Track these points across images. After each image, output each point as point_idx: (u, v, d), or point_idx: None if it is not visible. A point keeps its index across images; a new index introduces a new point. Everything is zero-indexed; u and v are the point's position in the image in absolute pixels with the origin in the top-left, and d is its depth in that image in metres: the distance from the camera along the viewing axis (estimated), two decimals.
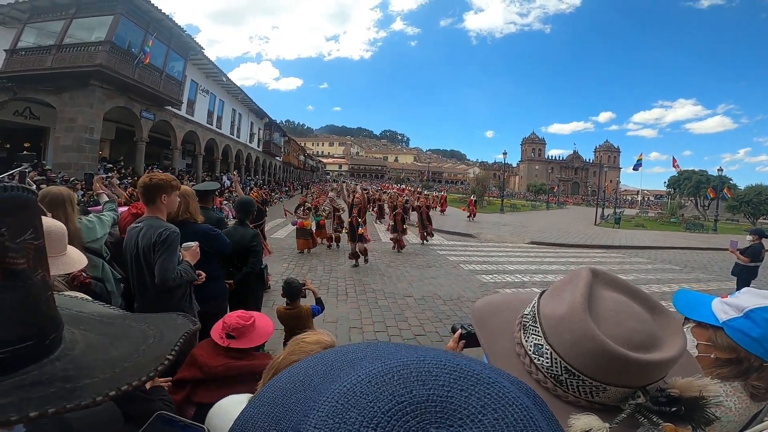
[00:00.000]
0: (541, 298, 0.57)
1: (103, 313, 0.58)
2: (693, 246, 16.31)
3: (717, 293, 5.31)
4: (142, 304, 2.32)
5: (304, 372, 0.34)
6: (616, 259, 11.87)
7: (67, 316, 0.49)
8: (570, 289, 0.52)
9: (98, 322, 0.52)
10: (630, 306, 0.50)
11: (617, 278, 0.55)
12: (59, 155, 13.33)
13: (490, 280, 7.65)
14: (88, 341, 0.44)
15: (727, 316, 0.94)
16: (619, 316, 0.48)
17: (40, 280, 0.38)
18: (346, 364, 0.32)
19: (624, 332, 0.46)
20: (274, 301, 4.96)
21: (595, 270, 0.55)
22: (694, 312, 1.03)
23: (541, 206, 47.89)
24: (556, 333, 0.50)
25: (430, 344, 4.42)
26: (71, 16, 13.47)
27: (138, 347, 0.45)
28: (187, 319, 0.57)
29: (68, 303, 0.56)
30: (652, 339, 0.47)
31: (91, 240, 2.50)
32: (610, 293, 0.52)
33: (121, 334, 0.49)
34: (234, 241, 3.22)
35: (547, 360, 0.50)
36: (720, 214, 30.87)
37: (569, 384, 0.49)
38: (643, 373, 0.46)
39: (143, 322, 0.53)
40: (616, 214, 26.94)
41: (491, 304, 0.67)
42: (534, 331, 0.54)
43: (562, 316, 0.49)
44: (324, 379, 0.31)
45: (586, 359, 0.46)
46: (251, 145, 30.41)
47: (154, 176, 2.26)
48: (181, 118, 19.22)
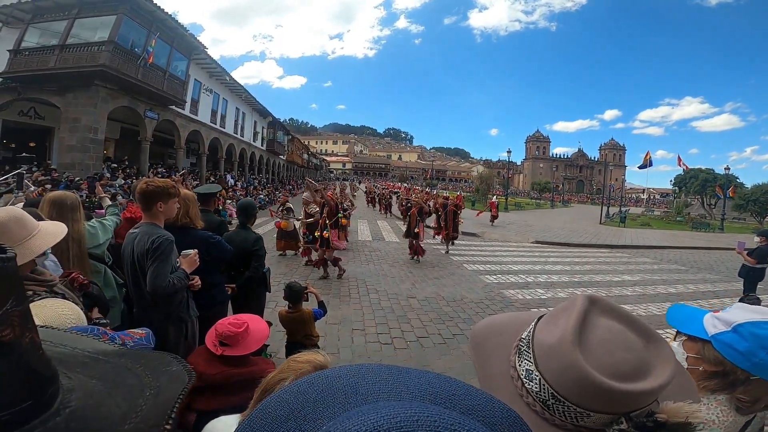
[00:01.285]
0: (537, 324, 0.58)
1: (99, 349, 0.58)
2: (699, 246, 16.18)
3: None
4: (140, 309, 2.30)
5: (294, 399, 0.33)
6: (622, 258, 11.79)
7: (64, 357, 0.49)
8: (565, 316, 0.53)
9: (94, 361, 0.52)
10: (623, 334, 0.51)
11: (615, 306, 0.56)
12: (64, 155, 13.39)
13: (493, 281, 7.62)
14: (86, 389, 0.45)
15: (716, 329, 0.97)
16: (609, 346, 0.49)
17: (29, 343, 0.39)
18: (337, 399, 0.32)
19: (612, 362, 0.48)
20: (276, 302, 4.96)
21: (593, 298, 0.55)
22: (686, 326, 1.06)
23: (546, 205, 47.65)
24: (545, 360, 0.52)
25: (432, 346, 4.43)
26: (74, 16, 13.47)
27: (136, 401, 0.45)
28: (181, 365, 0.56)
29: (63, 339, 0.56)
30: (641, 368, 0.48)
31: (93, 246, 2.49)
32: (605, 321, 0.53)
33: (118, 380, 0.49)
34: (236, 245, 3.21)
35: (536, 385, 0.53)
36: (727, 213, 30.63)
37: (556, 409, 0.51)
38: (629, 402, 0.47)
39: (139, 364, 0.53)
40: (622, 213, 26.73)
41: (490, 326, 0.69)
42: (527, 357, 0.56)
43: (551, 344, 0.51)
44: (314, 412, 0.32)
45: (572, 387, 0.48)
46: (255, 143, 30.45)
47: (152, 182, 2.22)
48: (185, 118, 19.25)
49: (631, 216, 30.20)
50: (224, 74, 22.48)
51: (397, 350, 4.29)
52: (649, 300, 6.97)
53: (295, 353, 1.04)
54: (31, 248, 1.30)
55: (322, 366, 0.90)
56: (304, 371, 0.88)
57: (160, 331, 2.20)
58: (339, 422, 0.28)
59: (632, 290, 7.62)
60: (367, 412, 0.29)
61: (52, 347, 0.51)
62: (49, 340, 0.52)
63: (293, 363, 0.92)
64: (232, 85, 24.37)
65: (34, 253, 1.30)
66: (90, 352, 0.54)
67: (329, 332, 4.58)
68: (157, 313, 2.19)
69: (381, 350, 4.27)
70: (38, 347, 0.41)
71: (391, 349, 4.32)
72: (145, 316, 2.26)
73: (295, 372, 0.88)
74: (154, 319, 2.19)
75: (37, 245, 1.31)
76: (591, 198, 76.72)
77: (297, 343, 3.11)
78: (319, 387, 0.34)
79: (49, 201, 2.31)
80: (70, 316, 1.24)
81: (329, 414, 0.31)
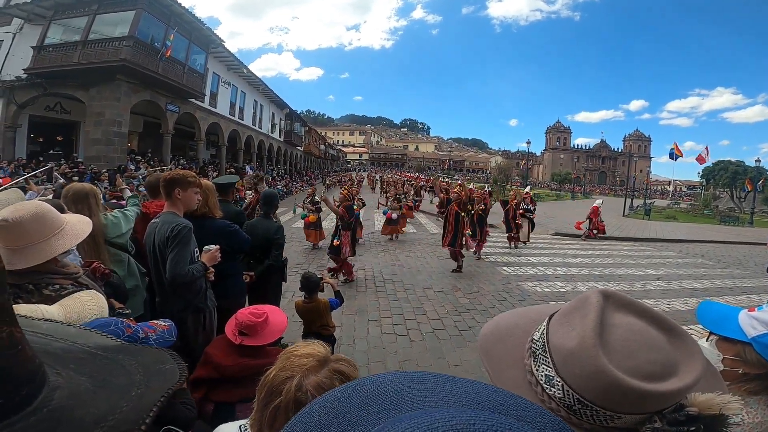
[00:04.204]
0: (550, 323, 0.55)
1: (99, 344, 0.57)
2: (727, 240, 15.55)
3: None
4: (161, 299, 2.36)
5: (338, 404, 0.33)
6: (646, 252, 11.45)
7: (61, 352, 0.48)
8: (579, 316, 0.51)
9: (91, 357, 0.52)
10: (644, 332, 0.49)
11: (630, 300, 0.53)
12: (89, 148, 13.82)
13: (511, 273, 7.52)
14: (73, 387, 0.43)
15: (756, 331, 0.93)
16: (632, 346, 0.47)
17: (5, 338, 0.37)
18: (382, 405, 0.32)
19: (637, 363, 0.46)
20: (293, 293, 5.02)
21: (606, 292, 0.52)
22: (720, 327, 1.02)
23: (566, 196, 46.66)
24: (566, 366, 0.50)
25: (448, 338, 4.40)
26: (94, 12, 13.79)
27: (119, 402, 0.44)
28: (176, 363, 0.55)
29: (65, 334, 0.56)
30: (668, 367, 0.47)
31: (116, 235, 2.55)
32: (623, 318, 0.50)
33: (109, 377, 0.48)
34: (258, 233, 3.26)
35: (558, 391, 0.50)
36: (756, 206, 29.37)
37: (583, 413, 0.48)
38: (660, 402, 0.45)
39: (135, 361, 0.52)
40: (646, 206, 25.95)
41: (498, 329, 0.65)
42: (544, 361, 0.53)
43: (572, 349, 0.49)
44: (359, 416, 0.31)
45: (599, 392, 0.46)
46: (273, 135, 30.76)
47: (173, 172, 2.31)
48: (205, 110, 19.58)
49: (656, 209, 29.30)
50: (242, 67, 22.71)
51: (412, 342, 4.29)
52: (673, 295, 6.75)
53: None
54: (53, 247, 1.30)
55: (324, 358, 0.87)
56: (309, 367, 0.85)
57: (179, 321, 2.25)
58: (389, 425, 0.28)
59: (656, 285, 7.40)
60: (419, 417, 0.28)
61: (51, 341, 0.51)
62: (50, 334, 0.52)
63: (295, 359, 0.87)
64: (249, 78, 24.59)
65: (54, 253, 1.31)
66: (89, 348, 0.54)
67: (345, 323, 4.61)
68: (176, 302, 2.23)
69: (396, 341, 4.28)
70: (15, 344, 0.39)
71: (406, 340, 4.32)
72: (166, 304, 2.32)
73: (298, 368, 0.85)
74: (173, 308, 2.24)
75: (59, 245, 1.32)
76: (614, 190, 74.65)
77: (314, 333, 3.13)
78: (364, 392, 0.33)
79: (66, 193, 2.37)
80: (94, 308, 1.26)
81: (374, 419, 0.31)
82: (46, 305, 1.09)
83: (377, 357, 3.91)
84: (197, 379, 1.67)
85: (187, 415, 1.28)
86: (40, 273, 1.31)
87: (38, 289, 1.30)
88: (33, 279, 1.29)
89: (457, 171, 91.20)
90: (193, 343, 2.26)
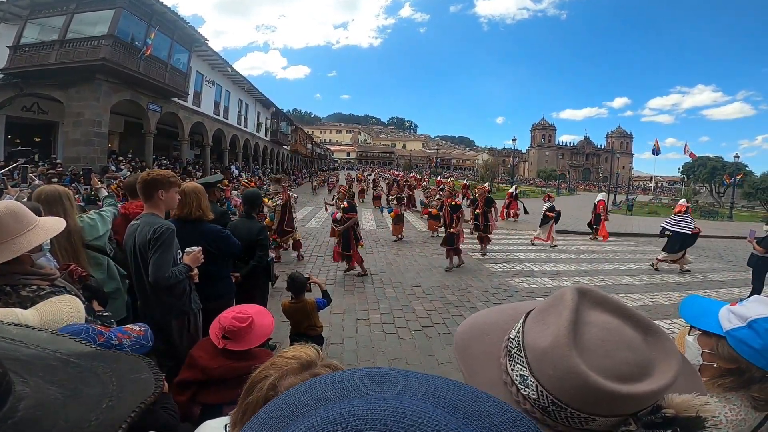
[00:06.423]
0: (526, 323, 0.53)
1: (73, 351, 0.55)
2: (708, 234, 15.96)
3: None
4: (143, 302, 2.31)
5: (301, 396, 0.34)
6: (629, 247, 11.68)
7: (30, 359, 0.46)
8: (554, 314, 0.49)
9: (63, 364, 0.49)
10: (620, 331, 0.48)
11: (606, 297, 0.51)
12: (69, 149, 13.44)
13: (498, 269, 7.59)
14: (40, 397, 0.41)
15: (731, 325, 0.93)
16: (608, 346, 0.46)
17: None
18: (338, 396, 0.32)
19: (613, 364, 0.44)
20: (281, 293, 4.97)
21: (582, 290, 0.51)
22: (699, 320, 1.02)
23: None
24: (540, 366, 0.48)
25: (437, 336, 4.42)
26: (72, 11, 13.38)
27: (88, 414, 0.42)
28: (152, 373, 0.53)
29: (37, 340, 0.53)
30: (643, 367, 0.45)
31: (93, 238, 2.49)
32: (599, 315, 0.49)
33: (80, 387, 0.46)
34: (241, 234, 3.21)
35: (533, 392, 0.49)
36: (736, 201, 30.22)
37: (557, 415, 0.47)
38: (635, 404, 0.44)
39: (109, 369, 0.50)
40: (629, 201, 26.47)
41: (474, 327, 0.63)
42: (519, 361, 0.51)
43: (545, 349, 0.47)
44: (316, 408, 0.31)
45: (573, 394, 0.45)
46: (259, 134, 30.41)
47: (152, 172, 2.24)
48: (188, 110, 19.22)
49: (638, 204, 29.84)
50: (226, 66, 22.40)
51: (401, 340, 4.29)
52: (656, 289, 6.90)
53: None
54: (25, 242, 1.29)
55: (309, 362, 0.87)
56: (289, 368, 0.85)
57: (164, 323, 2.20)
58: (318, 412, 0.29)
59: (639, 279, 7.56)
60: (347, 404, 0.28)
61: (20, 347, 0.48)
62: (20, 340, 0.50)
63: (279, 359, 0.88)
64: (234, 77, 24.28)
65: (26, 248, 1.29)
66: (62, 354, 0.51)
67: (333, 322, 4.58)
68: (159, 305, 2.19)
69: (385, 340, 4.27)
70: None
71: (395, 338, 4.32)
72: (148, 307, 2.26)
73: (279, 369, 0.85)
74: (157, 311, 2.19)
75: (31, 239, 1.31)
76: (597, 186, 75.96)
77: (301, 333, 3.10)
78: (325, 386, 0.34)
79: (38, 195, 2.30)
80: (69, 313, 1.22)
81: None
82: (22, 309, 1.07)
83: (366, 356, 3.90)
84: (183, 382, 1.63)
85: (169, 421, 1.24)
86: (16, 274, 1.31)
87: (15, 291, 1.30)
88: (10, 281, 1.29)
89: (445, 169, 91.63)
90: (178, 346, 2.21)
